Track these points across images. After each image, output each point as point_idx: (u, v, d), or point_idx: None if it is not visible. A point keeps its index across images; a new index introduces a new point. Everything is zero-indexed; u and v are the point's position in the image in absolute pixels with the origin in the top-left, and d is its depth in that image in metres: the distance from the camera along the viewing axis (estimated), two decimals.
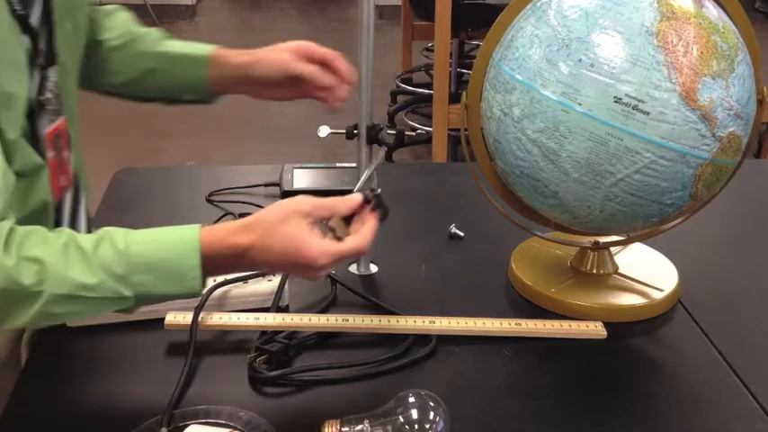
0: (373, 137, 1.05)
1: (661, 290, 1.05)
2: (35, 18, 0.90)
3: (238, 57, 1.10)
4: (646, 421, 0.86)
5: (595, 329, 0.98)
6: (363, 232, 0.88)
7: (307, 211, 0.84)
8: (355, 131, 1.04)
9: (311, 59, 1.06)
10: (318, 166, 1.40)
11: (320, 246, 0.83)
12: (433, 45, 3.39)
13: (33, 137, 0.91)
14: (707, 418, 0.87)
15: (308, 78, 1.05)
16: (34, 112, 0.91)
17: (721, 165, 0.91)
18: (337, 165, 1.39)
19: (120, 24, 1.16)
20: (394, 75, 4.10)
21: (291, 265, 0.84)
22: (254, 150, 3.52)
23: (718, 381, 0.92)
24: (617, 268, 1.10)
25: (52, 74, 0.95)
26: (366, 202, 0.90)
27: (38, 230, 0.81)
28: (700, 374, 0.94)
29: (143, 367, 0.93)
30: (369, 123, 1.06)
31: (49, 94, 0.94)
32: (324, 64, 1.06)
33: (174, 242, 0.83)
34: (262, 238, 0.83)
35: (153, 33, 1.15)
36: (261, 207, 1.27)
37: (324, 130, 1.02)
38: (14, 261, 0.77)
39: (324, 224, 0.86)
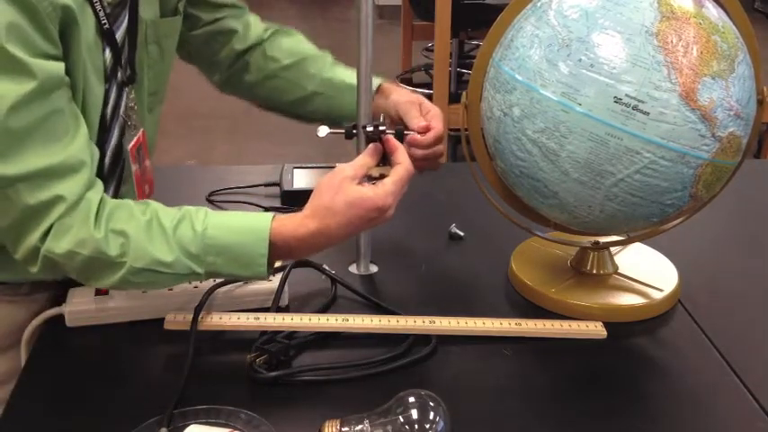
0: (373, 137, 1.05)
1: (661, 290, 1.05)
2: (119, 35, 0.96)
3: (397, 91, 1.14)
4: (646, 421, 0.86)
5: (595, 329, 0.98)
6: (398, 158, 0.95)
7: (351, 175, 0.92)
8: (354, 131, 1.04)
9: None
10: (318, 166, 1.40)
11: (377, 192, 0.91)
12: (432, 45, 3.39)
13: (118, 150, 1.00)
14: (707, 418, 0.87)
15: (405, 119, 1.09)
16: (110, 125, 0.98)
17: (721, 165, 0.91)
18: (337, 165, 1.38)
19: (293, 44, 1.23)
20: (394, 75, 4.10)
21: (364, 223, 0.91)
22: (253, 150, 3.52)
23: (718, 381, 0.92)
24: (617, 268, 1.10)
25: (131, 91, 1.01)
26: (380, 140, 0.97)
27: (125, 204, 0.90)
28: (700, 374, 0.94)
29: (143, 367, 0.93)
30: (367, 123, 1.05)
31: (129, 111, 1.01)
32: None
33: (246, 229, 0.90)
34: (325, 219, 0.90)
35: (323, 57, 1.22)
36: (261, 207, 1.28)
37: (323, 130, 1.03)
38: (103, 233, 0.86)
39: (367, 179, 0.95)
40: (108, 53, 0.95)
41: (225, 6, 1.22)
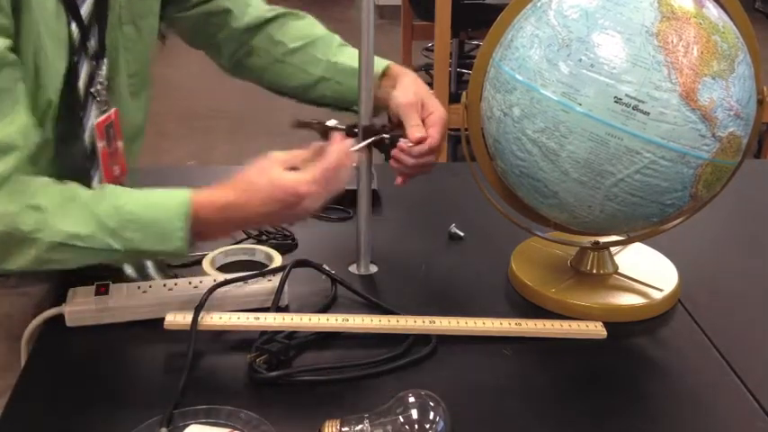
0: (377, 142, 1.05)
1: (661, 290, 1.05)
2: (86, 10, 0.95)
3: (402, 72, 1.12)
4: (646, 421, 0.86)
5: (595, 329, 0.98)
6: (328, 152, 0.94)
7: (282, 160, 0.93)
8: (355, 129, 1.05)
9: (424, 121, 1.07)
10: None
11: (298, 177, 0.91)
12: (433, 45, 3.39)
13: (81, 125, 0.98)
14: (707, 418, 0.87)
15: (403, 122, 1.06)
16: (85, 101, 0.97)
17: (721, 165, 0.91)
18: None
19: (300, 27, 1.20)
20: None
21: (282, 208, 0.91)
22: (254, 150, 3.52)
23: (718, 381, 0.92)
24: (617, 268, 1.10)
25: (102, 67, 1.00)
26: (326, 136, 0.99)
27: (45, 180, 0.89)
28: (700, 374, 0.94)
29: (143, 367, 0.93)
30: (367, 123, 1.05)
31: (98, 86, 0.99)
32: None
33: (163, 204, 0.90)
34: (245, 193, 0.91)
35: (331, 39, 1.19)
36: None
37: (330, 123, 1.04)
38: (18, 208, 0.85)
39: None
40: (74, 27, 0.94)
41: None
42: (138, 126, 1.12)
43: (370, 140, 1.03)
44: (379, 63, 1.12)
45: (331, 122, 1.07)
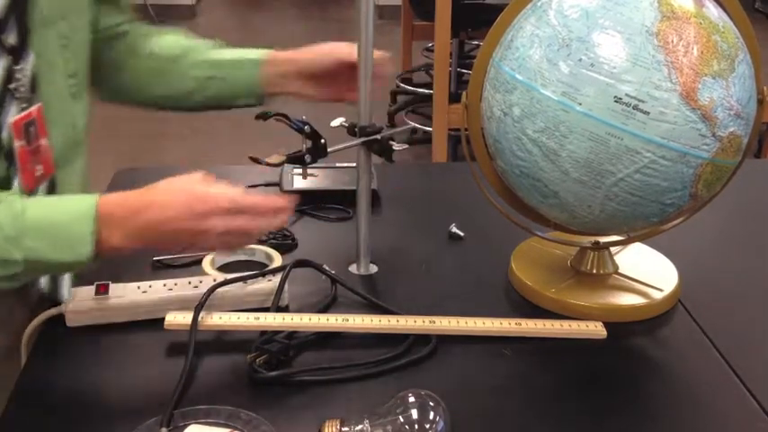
0: (381, 149, 1.06)
1: (661, 290, 1.05)
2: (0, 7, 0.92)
3: (291, 53, 1.15)
4: (646, 421, 0.86)
5: (595, 329, 0.98)
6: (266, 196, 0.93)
7: (203, 176, 0.91)
8: (356, 129, 1.05)
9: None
10: (318, 165, 1.39)
11: (217, 189, 0.89)
12: (433, 45, 3.39)
13: None
14: (707, 418, 0.87)
15: (345, 62, 1.10)
16: (2, 98, 0.93)
17: (721, 165, 0.91)
18: (337, 165, 1.39)
19: (174, 38, 1.21)
20: (394, 75, 4.10)
21: (189, 216, 0.86)
22: (254, 151, 3.52)
23: (718, 381, 0.92)
24: (617, 268, 1.10)
25: (25, 64, 0.95)
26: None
27: None
28: (700, 374, 0.94)
29: (143, 367, 0.93)
30: (367, 122, 1.05)
31: (17, 83, 0.95)
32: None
33: (69, 207, 0.85)
34: (156, 195, 0.87)
35: (207, 44, 1.20)
36: None
37: (336, 121, 1.04)
38: None
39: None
40: None
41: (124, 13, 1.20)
42: (80, 128, 1.08)
43: (361, 140, 1.03)
44: (255, 51, 1.15)
45: (337, 122, 1.06)
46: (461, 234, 1.22)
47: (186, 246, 0.91)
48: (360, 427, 0.78)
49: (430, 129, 2.93)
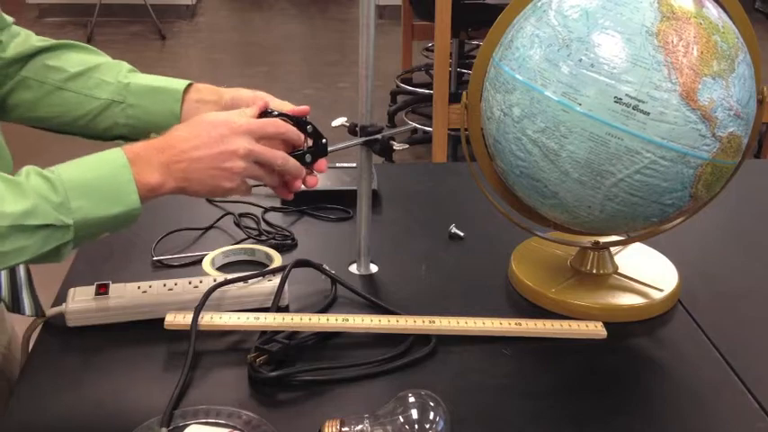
0: (381, 149, 1.05)
1: (661, 290, 1.05)
2: None
3: (211, 89, 1.06)
4: (646, 421, 0.86)
5: (595, 329, 0.98)
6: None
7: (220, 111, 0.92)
8: (357, 128, 1.05)
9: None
10: None
11: (232, 113, 0.91)
12: (433, 45, 3.39)
13: None
14: (707, 418, 0.87)
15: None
16: None
17: (721, 165, 0.91)
18: (337, 165, 1.39)
19: (82, 55, 1.08)
20: (394, 75, 4.10)
21: (212, 139, 0.87)
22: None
23: (718, 381, 0.92)
24: (617, 268, 1.10)
25: None
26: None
27: None
28: (700, 374, 0.94)
29: (143, 367, 0.93)
30: (367, 122, 1.05)
31: None
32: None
33: (100, 162, 0.84)
34: (183, 129, 0.89)
35: (119, 64, 1.08)
36: (261, 207, 1.28)
37: (338, 121, 1.04)
38: None
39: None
40: None
41: None
42: None
43: (361, 140, 1.03)
44: (177, 81, 1.06)
45: (338, 121, 1.06)
46: (461, 234, 1.22)
47: (216, 176, 0.89)
48: (360, 427, 0.78)
49: (430, 129, 2.93)
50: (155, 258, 1.13)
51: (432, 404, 0.79)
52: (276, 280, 1.02)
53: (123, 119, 1.04)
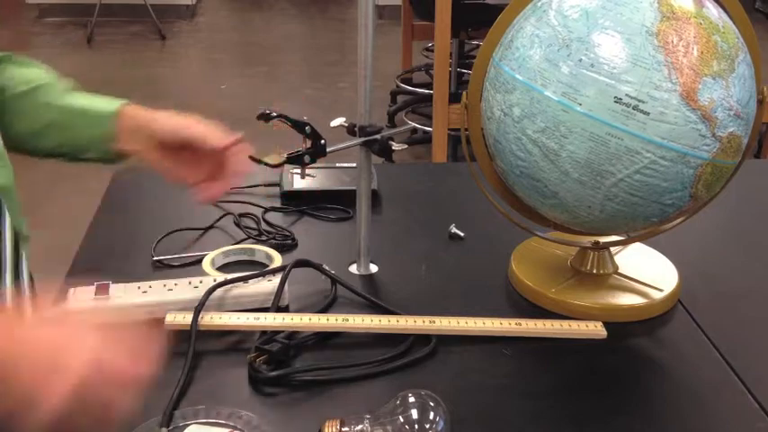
0: (381, 149, 1.05)
1: (661, 290, 1.05)
2: None
3: (145, 111, 1.05)
4: (646, 421, 0.86)
5: (595, 329, 0.98)
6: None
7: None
8: (356, 129, 1.05)
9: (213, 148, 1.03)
10: (318, 166, 1.40)
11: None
12: (433, 45, 3.39)
13: None
14: (707, 418, 0.87)
15: (197, 144, 1.01)
16: None
17: (721, 165, 0.91)
18: (337, 165, 1.39)
19: (25, 72, 1.10)
20: (394, 75, 4.10)
21: (55, 335, 0.71)
22: (254, 150, 3.52)
23: (718, 381, 0.92)
24: (617, 268, 1.10)
25: None
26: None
27: None
28: (700, 374, 0.94)
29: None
30: (367, 122, 1.05)
31: None
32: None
33: None
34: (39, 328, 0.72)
35: (59, 84, 1.09)
36: (261, 207, 1.28)
37: (336, 121, 1.04)
38: None
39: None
40: None
41: None
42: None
43: (361, 140, 1.03)
44: (111, 102, 1.05)
45: (337, 122, 1.06)
46: (461, 234, 1.22)
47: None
48: (360, 427, 0.78)
49: (430, 129, 2.93)
50: (155, 258, 1.13)
51: (432, 404, 0.79)
52: (276, 280, 1.02)
53: (61, 139, 1.06)
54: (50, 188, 2.98)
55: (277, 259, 1.12)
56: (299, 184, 1.32)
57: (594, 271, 1.09)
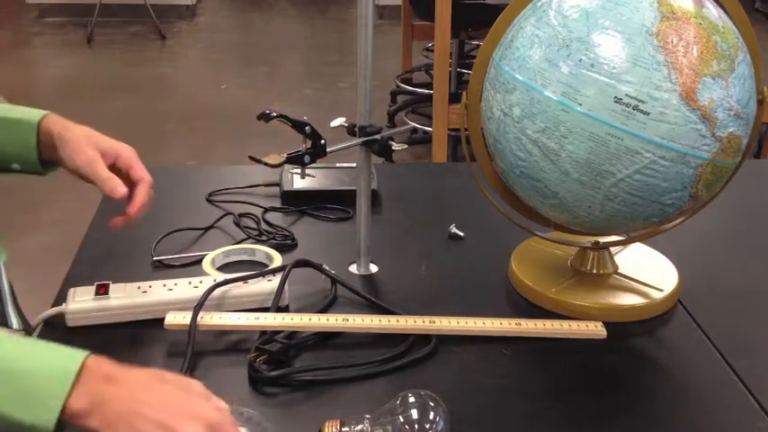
0: (381, 149, 1.05)
1: (661, 290, 1.05)
2: None
3: (63, 130, 1.00)
4: (646, 421, 0.86)
5: (595, 329, 0.98)
6: None
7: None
8: (356, 129, 1.05)
9: (117, 166, 0.99)
10: (318, 166, 1.39)
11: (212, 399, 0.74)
12: (433, 45, 3.39)
13: None
14: (707, 418, 0.87)
15: (93, 182, 0.97)
16: None
17: (721, 165, 0.91)
18: (337, 165, 1.39)
19: None
20: (394, 75, 4.10)
21: (179, 403, 0.72)
22: (254, 150, 3.53)
23: (718, 381, 0.92)
24: (617, 268, 1.10)
25: None
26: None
27: None
28: (700, 374, 0.94)
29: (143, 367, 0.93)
30: (367, 122, 1.05)
31: None
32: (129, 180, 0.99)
33: (53, 357, 0.75)
34: (150, 374, 0.75)
35: None
36: (261, 207, 1.28)
37: (337, 121, 1.04)
38: None
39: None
40: None
41: None
42: None
43: (361, 140, 1.03)
44: (33, 112, 1.01)
45: (337, 122, 1.06)
46: (461, 234, 1.22)
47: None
48: (360, 427, 0.78)
49: (430, 129, 2.93)
50: (155, 258, 1.13)
51: (432, 404, 0.79)
52: (276, 280, 1.02)
53: None
54: (50, 188, 2.98)
55: (277, 259, 1.12)
56: (299, 184, 1.32)
57: (594, 271, 1.09)
